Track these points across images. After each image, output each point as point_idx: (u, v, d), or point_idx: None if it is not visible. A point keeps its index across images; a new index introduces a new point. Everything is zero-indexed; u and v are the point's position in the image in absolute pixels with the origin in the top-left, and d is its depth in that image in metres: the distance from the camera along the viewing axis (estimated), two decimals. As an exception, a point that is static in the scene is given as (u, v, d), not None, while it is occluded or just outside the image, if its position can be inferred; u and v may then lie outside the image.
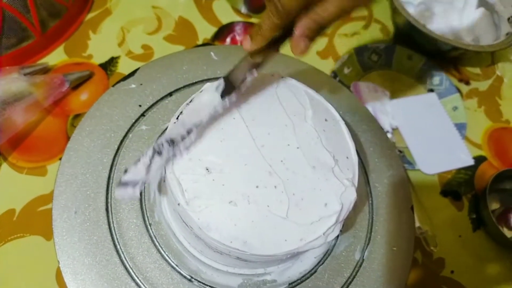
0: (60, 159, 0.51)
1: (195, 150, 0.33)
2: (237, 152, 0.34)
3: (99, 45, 0.60)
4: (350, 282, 0.40)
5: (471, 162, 0.60)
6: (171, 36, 0.63)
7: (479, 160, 0.61)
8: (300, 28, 0.31)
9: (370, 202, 0.45)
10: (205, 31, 0.64)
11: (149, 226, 0.39)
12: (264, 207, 0.32)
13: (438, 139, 0.61)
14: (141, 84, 0.46)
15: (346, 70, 0.64)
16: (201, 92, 0.36)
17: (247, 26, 0.67)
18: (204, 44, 0.63)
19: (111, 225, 0.39)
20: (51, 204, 0.48)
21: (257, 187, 0.33)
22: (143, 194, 0.41)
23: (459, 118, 0.63)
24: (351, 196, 0.34)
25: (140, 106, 0.45)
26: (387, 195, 0.46)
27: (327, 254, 0.41)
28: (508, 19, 0.65)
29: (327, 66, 0.65)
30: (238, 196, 0.32)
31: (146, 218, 0.39)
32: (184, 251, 0.39)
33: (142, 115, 0.45)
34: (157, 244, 0.39)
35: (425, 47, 0.66)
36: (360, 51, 0.65)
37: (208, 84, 0.35)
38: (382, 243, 0.43)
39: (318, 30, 0.32)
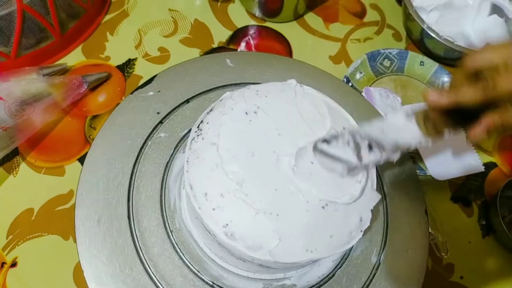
0: (78, 159, 0.52)
1: (219, 161, 0.34)
2: (260, 162, 0.34)
3: (117, 47, 0.61)
4: (368, 286, 0.41)
5: (481, 168, 0.60)
6: (187, 39, 0.64)
7: (489, 166, 0.61)
8: (487, 123, 0.31)
9: (385, 206, 0.46)
10: (221, 34, 0.65)
11: (170, 233, 0.40)
12: (287, 216, 0.33)
13: (449, 146, 0.61)
14: (158, 91, 0.47)
15: (358, 75, 0.64)
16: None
17: (261, 30, 0.67)
18: (219, 48, 0.64)
19: (133, 232, 0.39)
20: (69, 203, 0.49)
21: (280, 197, 0.33)
22: (163, 201, 0.41)
23: (470, 125, 0.63)
24: (371, 205, 0.35)
25: (158, 113, 0.46)
26: (400, 199, 0.47)
27: (344, 258, 0.42)
28: (521, 27, 0.66)
29: (340, 71, 0.65)
30: (262, 206, 0.32)
31: (167, 225, 0.40)
32: (206, 257, 0.40)
33: (161, 122, 0.45)
34: (178, 250, 0.39)
35: (437, 53, 0.67)
36: (372, 57, 0.66)
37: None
38: (398, 246, 0.44)
39: (499, 131, 0.32)
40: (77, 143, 0.53)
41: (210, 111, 0.37)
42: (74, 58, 0.59)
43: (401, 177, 0.48)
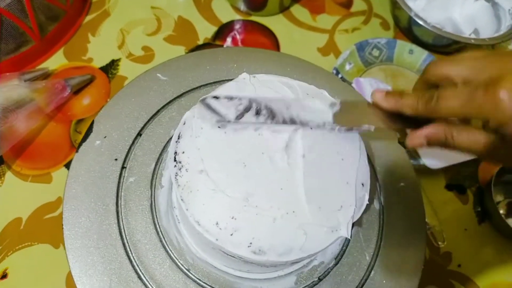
0: (64, 165, 0.50)
1: (215, 186, 0.32)
2: (254, 169, 0.33)
3: (99, 48, 0.60)
4: (382, 231, 0.44)
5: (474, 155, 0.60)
6: (171, 37, 0.62)
7: (482, 153, 0.61)
8: (429, 131, 0.30)
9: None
10: (206, 30, 0.64)
11: (188, 272, 0.39)
12: (303, 209, 0.32)
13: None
14: (105, 137, 0.44)
15: (347, 66, 0.63)
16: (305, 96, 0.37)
17: (247, 24, 0.66)
18: (205, 44, 0.63)
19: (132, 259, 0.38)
20: (58, 211, 0.48)
21: (288, 194, 0.33)
22: (166, 245, 0.40)
23: (461, 112, 0.63)
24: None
25: (116, 160, 0.43)
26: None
27: None
28: (509, 10, 0.65)
29: (329, 62, 0.64)
30: (276, 210, 0.32)
31: (181, 265, 0.39)
32: (234, 278, 0.39)
33: (123, 167, 0.43)
34: (204, 284, 0.38)
35: (426, 41, 0.66)
36: (361, 47, 0.65)
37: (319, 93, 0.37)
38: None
39: (440, 145, 0.30)
40: (63, 148, 0.51)
41: (179, 138, 0.35)
42: (56, 61, 0.57)
43: (395, 167, 0.48)
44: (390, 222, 0.45)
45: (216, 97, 0.34)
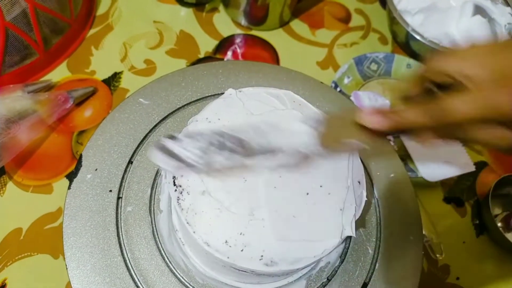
0: (65, 176, 0.51)
1: (219, 205, 0.33)
2: (255, 183, 0.34)
3: (102, 61, 0.60)
4: (380, 222, 0.45)
5: (472, 168, 0.60)
6: (173, 50, 0.63)
7: (480, 165, 0.61)
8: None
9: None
10: (207, 44, 0.65)
11: None
12: (307, 216, 0.33)
13: (440, 146, 0.62)
14: (95, 170, 0.43)
15: (346, 80, 0.64)
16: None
17: (248, 38, 0.67)
18: (206, 58, 0.64)
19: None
20: (58, 222, 0.48)
21: (293, 204, 0.33)
22: (174, 269, 0.39)
23: (459, 125, 0.63)
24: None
25: (110, 191, 0.42)
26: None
27: None
28: (505, 26, 0.66)
29: (327, 76, 0.65)
30: (281, 221, 0.32)
31: (191, 287, 0.39)
32: None
33: (119, 197, 0.42)
34: None
35: (423, 56, 0.67)
36: (359, 61, 0.66)
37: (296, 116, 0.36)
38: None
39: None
40: (64, 159, 0.52)
41: (175, 179, 0.35)
42: (59, 73, 0.58)
43: (392, 179, 0.49)
44: (386, 213, 0.46)
45: (173, 137, 0.32)
